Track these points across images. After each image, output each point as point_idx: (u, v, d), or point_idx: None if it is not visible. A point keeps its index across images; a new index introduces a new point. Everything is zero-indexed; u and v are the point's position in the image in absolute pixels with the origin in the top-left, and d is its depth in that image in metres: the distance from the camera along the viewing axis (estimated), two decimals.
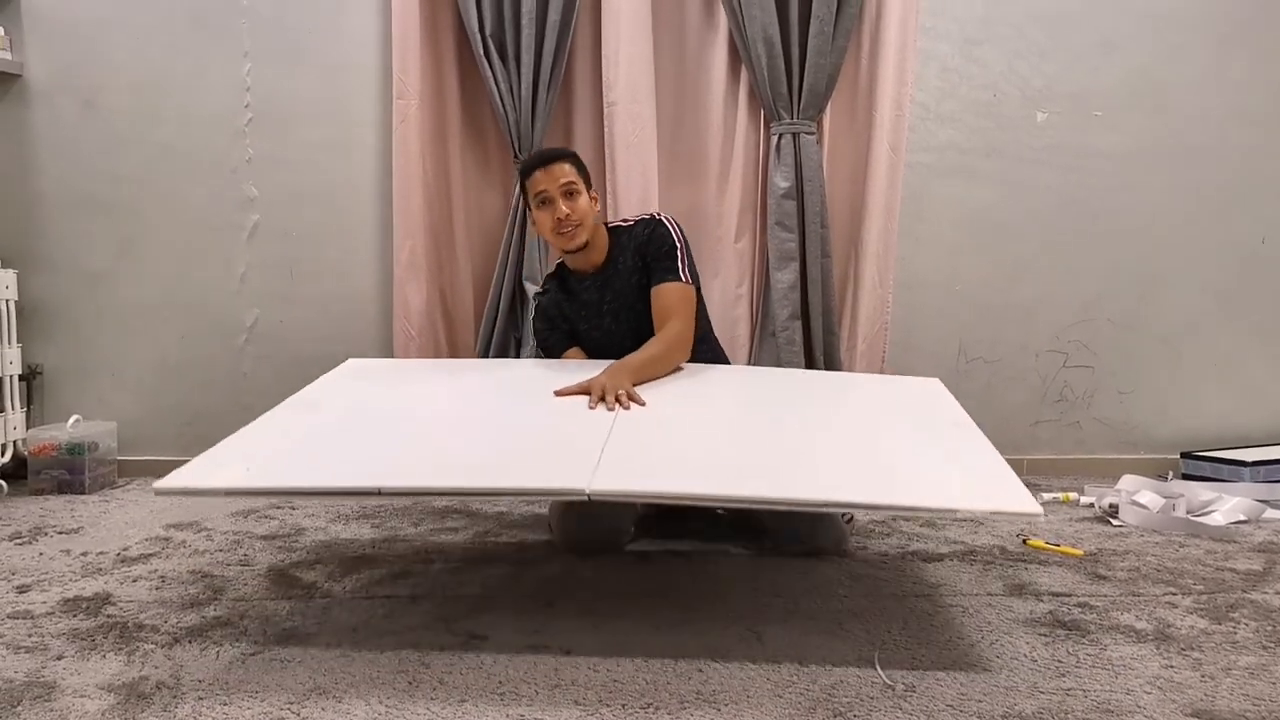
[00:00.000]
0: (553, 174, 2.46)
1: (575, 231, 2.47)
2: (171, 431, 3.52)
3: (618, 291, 2.57)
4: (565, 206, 2.45)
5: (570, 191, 2.46)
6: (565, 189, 2.45)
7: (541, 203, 2.48)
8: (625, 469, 1.81)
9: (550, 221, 2.47)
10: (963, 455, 1.98)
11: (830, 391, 2.60)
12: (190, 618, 2.03)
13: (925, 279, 3.52)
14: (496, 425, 2.14)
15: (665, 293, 2.49)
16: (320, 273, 3.48)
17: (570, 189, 2.46)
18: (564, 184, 2.45)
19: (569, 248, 2.51)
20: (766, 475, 1.87)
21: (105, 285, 3.47)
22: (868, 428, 2.22)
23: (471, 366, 3.09)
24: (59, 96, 3.41)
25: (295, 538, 2.66)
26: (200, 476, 1.86)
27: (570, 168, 2.49)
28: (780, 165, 3.30)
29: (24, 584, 2.26)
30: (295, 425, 2.15)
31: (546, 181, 2.46)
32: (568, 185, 2.46)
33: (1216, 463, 3.35)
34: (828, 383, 2.83)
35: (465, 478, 1.83)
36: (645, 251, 2.53)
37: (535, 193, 2.48)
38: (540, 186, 2.47)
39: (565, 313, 2.64)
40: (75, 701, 1.63)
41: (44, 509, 3.02)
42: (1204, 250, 3.58)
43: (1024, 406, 3.60)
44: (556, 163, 2.48)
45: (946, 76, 3.46)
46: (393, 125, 3.33)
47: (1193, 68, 3.50)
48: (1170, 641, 1.91)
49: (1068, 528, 2.81)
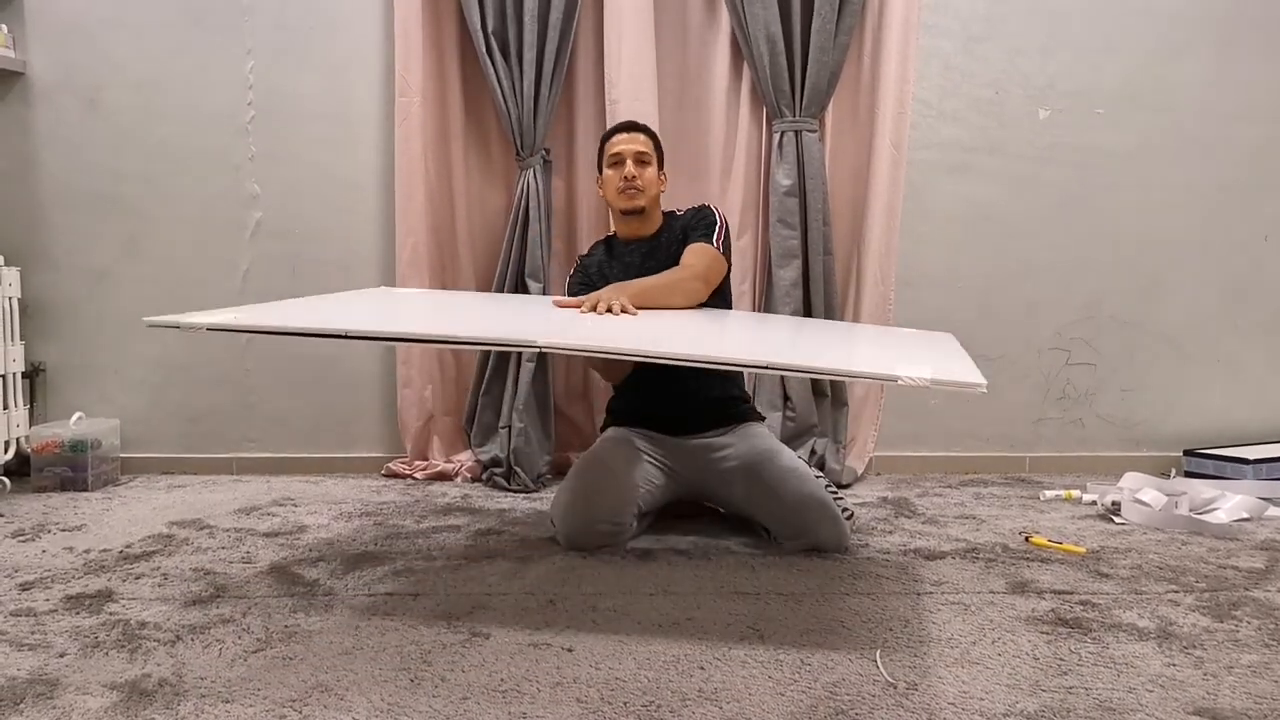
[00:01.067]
0: (631, 140, 2.72)
1: (637, 194, 2.68)
2: (174, 429, 3.53)
3: (660, 262, 2.68)
4: (634, 169, 2.67)
5: (642, 160, 2.70)
6: (638, 156, 2.70)
7: (614, 163, 2.71)
8: (586, 334, 1.94)
9: (617, 179, 2.69)
10: (929, 349, 2.23)
11: (839, 327, 2.85)
12: (193, 615, 2.03)
13: (927, 276, 3.51)
14: (483, 314, 2.36)
15: (693, 249, 2.64)
16: (323, 270, 3.48)
17: (642, 158, 2.71)
18: (638, 151, 2.70)
19: (628, 206, 2.70)
20: (721, 348, 1.99)
21: (108, 282, 3.47)
22: (853, 335, 2.36)
23: (492, 297, 3.23)
24: (62, 95, 3.41)
25: (297, 535, 2.67)
26: (191, 317, 1.94)
27: (647, 139, 2.75)
28: (782, 163, 3.29)
29: (27, 581, 2.26)
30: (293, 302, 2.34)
31: (623, 144, 2.71)
32: (641, 154, 2.70)
33: (1219, 460, 3.34)
34: (840, 325, 3.16)
35: (425, 329, 1.97)
36: (688, 228, 2.71)
37: (610, 154, 2.72)
38: (617, 148, 2.71)
39: (605, 273, 2.76)
40: (78, 699, 1.63)
41: (47, 506, 3.03)
42: (1207, 247, 3.58)
43: (1027, 404, 3.60)
44: (636, 132, 2.75)
45: (949, 74, 3.46)
46: (395, 122, 3.33)
47: (1195, 65, 3.50)
48: (1172, 639, 1.91)
49: (1070, 525, 2.81)
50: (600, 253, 2.85)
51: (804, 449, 3.30)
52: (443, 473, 3.42)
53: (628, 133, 2.74)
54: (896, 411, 3.51)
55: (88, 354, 3.49)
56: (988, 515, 2.93)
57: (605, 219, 3.36)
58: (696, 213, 2.74)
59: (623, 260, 2.77)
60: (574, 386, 3.55)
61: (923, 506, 3.04)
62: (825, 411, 3.40)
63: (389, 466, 3.49)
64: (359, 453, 3.55)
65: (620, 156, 2.69)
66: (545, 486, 3.28)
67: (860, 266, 3.42)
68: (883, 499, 3.13)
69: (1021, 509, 3.01)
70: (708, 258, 2.61)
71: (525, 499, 3.14)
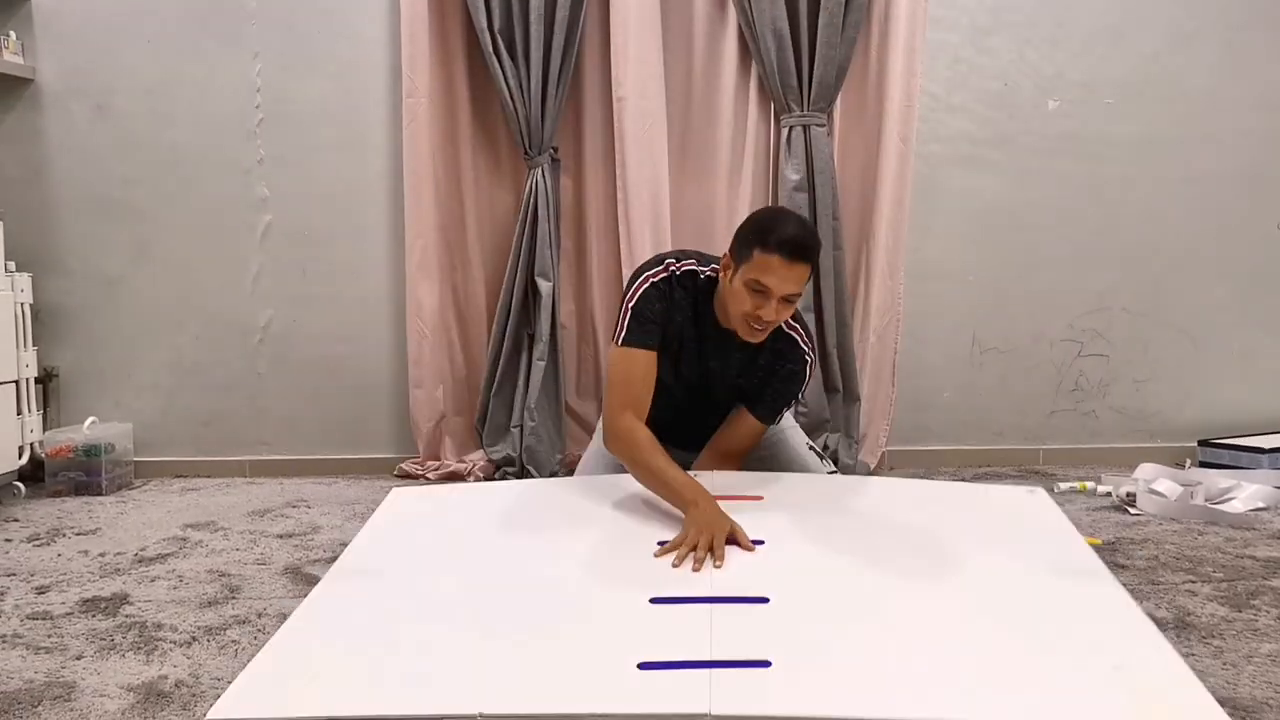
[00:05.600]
0: (791, 276, 2.03)
1: (764, 331, 2.12)
2: (187, 432, 3.54)
3: (724, 365, 2.28)
4: (776, 313, 2.07)
5: (789, 301, 2.08)
6: (789, 298, 2.06)
7: (757, 289, 2.04)
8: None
9: (750, 309, 2.06)
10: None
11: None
12: (208, 616, 2.04)
13: (937, 270, 3.50)
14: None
15: (752, 431, 2.31)
16: (333, 272, 3.49)
17: (791, 299, 2.08)
18: (791, 294, 2.06)
19: (746, 339, 2.15)
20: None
21: (119, 288, 3.48)
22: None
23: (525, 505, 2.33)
24: (71, 100, 3.42)
25: (311, 536, 2.67)
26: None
27: (809, 273, 2.09)
28: (791, 158, 3.29)
29: (43, 585, 2.27)
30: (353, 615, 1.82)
31: (778, 278, 2.02)
32: (792, 296, 2.07)
33: (1234, 450, 3.32)
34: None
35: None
36: (772, 380, 2.28)
37: (759, 276, 2.02)
38: (769, 278, 2.01)
39: (676, 330, 2.24)
40: (95, 701, 1.63)
41: (61, 510, 3.04)
42: (1219, 237, 3.55)
43: (1039, 396, 3.58)
44: (803, 264, 2.04)
45: (956, 66, 3.45)
46: (402, 124, 3.33)
47: (1204, 54, 3.48)
48: (1191, 629, 1.90)
49: (1085, 517, 2.80)
50: (685, 300, 2.24)
51: (816, 444, 3.29)
52: (455, 473, 3.42)
53: (794, 263, 2.01)
54: (908, 405, 3.50)
55: (100, 359, 3.51)
56: None
57: (614, 218, 3.36)
58: (789, 375, 2.27)
59: (695, 333, 2.26)
60: (585, 385, 3.55)
61: None
62: (837, 406, 3.39)
63: (401, 467, 3.49)
64: (371, 454, 3.56)
65: (767, 289, 2.02)
66: None
67: (869, 261, 3.41)
68: None
69: None
70: (753, 445, 2.33)
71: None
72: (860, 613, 1.71)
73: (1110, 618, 1.68)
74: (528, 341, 3.40)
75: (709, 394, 2.32)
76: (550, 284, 3.31)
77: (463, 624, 1.71)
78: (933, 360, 3.54)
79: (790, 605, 1.70)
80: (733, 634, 1.62)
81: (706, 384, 2.30)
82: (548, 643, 1.66)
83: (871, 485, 2.33)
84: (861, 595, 1.76)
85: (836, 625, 1.66)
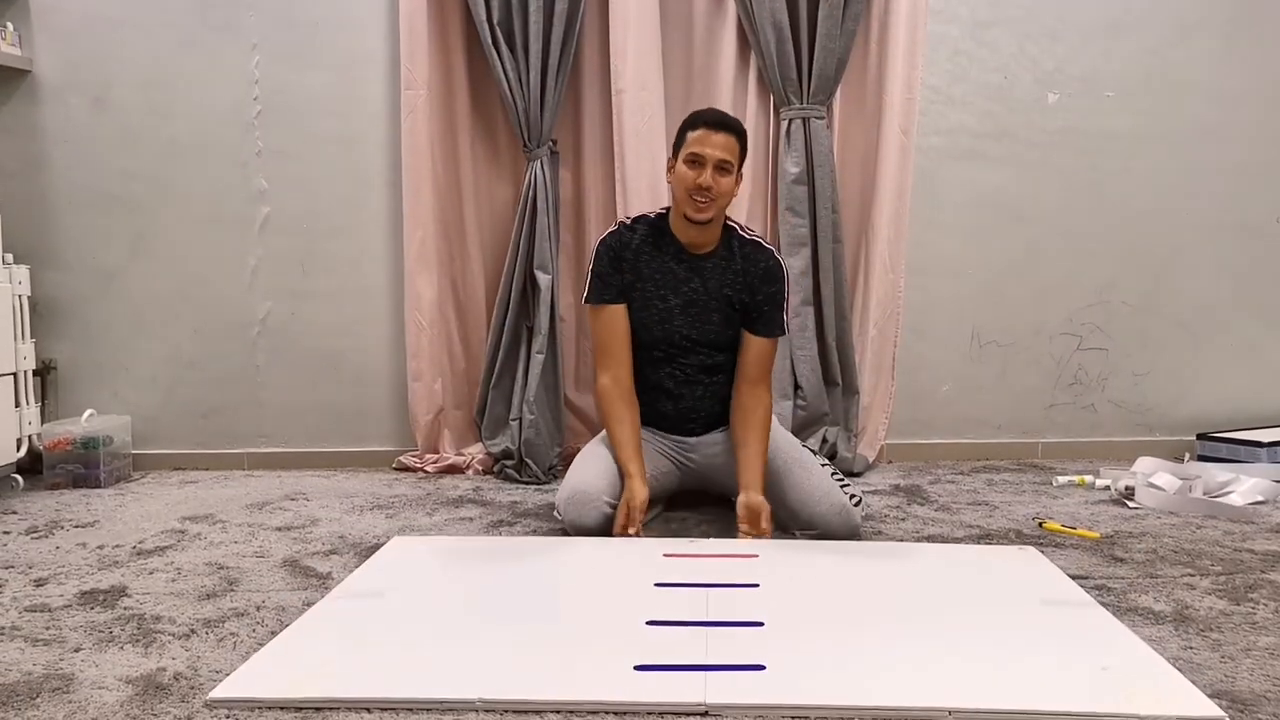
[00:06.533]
0: (717, 142, 2.38)
1: (708, 205, 2.41)
2: (185, 425, 3.53)
3: (707, 287, 2.52)
4: (711, 178, 2.37)
5: (723, 168, 2.39)
6: (720, 164, 2.38)
7: (691, 161, 2.39)
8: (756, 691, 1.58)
9: (690, 182, 2.38)
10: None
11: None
12: (206, 609, 2.03)
13: (937, 263, 3.50)
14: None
15: (764, 350, 2.56)
16: (331, 265, 3.49)
17: (725, 166, 2.39)
18: (721, 160, 2.38)
19: (695, 217, 2.44)
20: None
21: (118, 280, 3.48)
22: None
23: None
24: (69, 93, 3.41)
25: (309, 529, 2.67)
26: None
27: (736, 145, 2.42)
28: (790, 150, 3.28)
29: (41, 577, 2.27)
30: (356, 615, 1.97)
31: (708, 146, 2.38)
32: (724, 162, 2.39)
33: (1233, 444, 3.33)
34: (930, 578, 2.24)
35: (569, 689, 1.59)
36: (755, 284, 2.53)
37: (691, 149, 2.39)
38: (699, 148, 2.38)
39: (641, 266, 2.53)
40: (94, 693, 1.63)
41: (60, 503, 3.04)
42: (1218, 231, 3.55)
43: (1038, 390, 3.59)
44: (726, 133, 2.40)
45: (956, 59, 3.44)
46: (401, 116, 3.32)
47: (1204, 47, 3.47)
48: (1189, 623, 1.90)
49: (1084, 510, 2.80)
50: (646, 238, 2.54)
51: (815, 437, 3.30)
52: (454, 466, 3.42)
53: (717, 132, 2.39)
54: (907, 399, 3.50)
55: (98, 351, 3.50)
56: (1000, 502, 2.92)
57: (612, 211, 3.36)
58: (767, 267, 2.53)
59: (666, 261, 2.54)
60: (584, 378, 3.54)
61: (935, 494, 3.03)
62: (836, 400, 3.38)
63: (400, 460, 3.49)
64: (370, 447, 3.55)
65: (701, 159, 2.38)
66: (556, 478, 3.27)
67: (869, 254, 3.40)
68: (895, 486, 3.13)
69: (1034, 495, 3.00)
70: (772, 363, 2.60)
71: (536, 491, 3.14)
72: (855, 628, 1.85)
73: (1099, 631, 1.83)
74: (526, 334, 3.39)
75: (703, 323, 2.54)
76: (549, 277, 3.31)
77: (462, 630, 1.85)
78: (932, 354, 3.53)
79: (785, 628, 1.84)
80: (728, 647, 1.74)
81: (691, 312, 2.54)
82: (548, 644, 1.78)
83: (866, 546, 2.45)
84: (856, 618, 1.91)
85: (832, 641, 1.79)
